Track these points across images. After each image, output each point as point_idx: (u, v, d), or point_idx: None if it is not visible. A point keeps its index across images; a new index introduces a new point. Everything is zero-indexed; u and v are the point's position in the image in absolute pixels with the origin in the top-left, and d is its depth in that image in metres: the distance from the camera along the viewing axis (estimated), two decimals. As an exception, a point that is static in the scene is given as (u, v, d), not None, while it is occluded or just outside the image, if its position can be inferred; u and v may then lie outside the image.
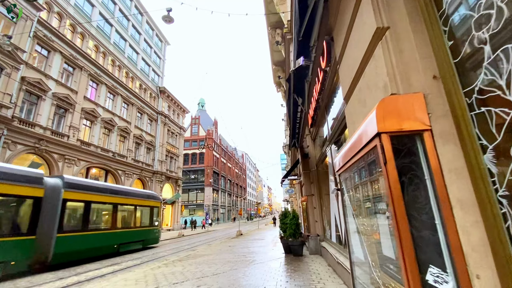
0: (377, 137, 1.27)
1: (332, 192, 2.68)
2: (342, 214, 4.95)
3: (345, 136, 5.04)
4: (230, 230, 29.49)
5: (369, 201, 1.91)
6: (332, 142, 5.64)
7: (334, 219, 6.08)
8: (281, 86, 20.62)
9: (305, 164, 9.20)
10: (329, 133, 5.99)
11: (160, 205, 16.69)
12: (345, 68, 2.54)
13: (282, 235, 9.11)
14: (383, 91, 1.51)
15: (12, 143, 14.46)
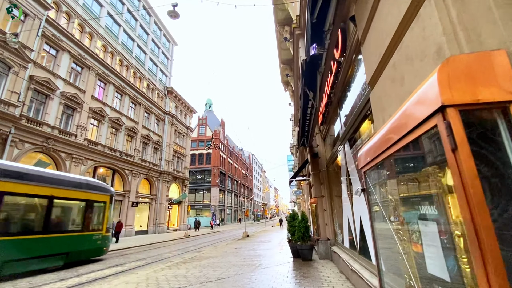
0: (438, 113, 0.90)
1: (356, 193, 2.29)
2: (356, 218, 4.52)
3: (360, 133, 4.63)
4: (237, 231, 29.16)
5: (409, 203, 1.51)
6: (345, 139, 5.22)
7: (347, 222, 5.65)
8: (289, 85, 20.23)
9: (315, 164, 8.77)
10: (341, 131, 5.58)
11: (110, 200, 11.15)
12: (371, 45, 2.16)
13: (290, 238, 8.70)
14: (435, 58, 1.14)
15: (20, 141, 14.50)
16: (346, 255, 5.60)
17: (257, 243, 14.12)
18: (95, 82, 20.86)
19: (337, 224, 7.20)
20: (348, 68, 4.75)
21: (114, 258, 10.94)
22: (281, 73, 18.96)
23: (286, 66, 17.15)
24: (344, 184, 5.78)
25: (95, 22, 21.44)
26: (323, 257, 7.86)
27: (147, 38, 29.87)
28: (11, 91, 13.50)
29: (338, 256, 6.28)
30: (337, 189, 7.59)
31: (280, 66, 17.94)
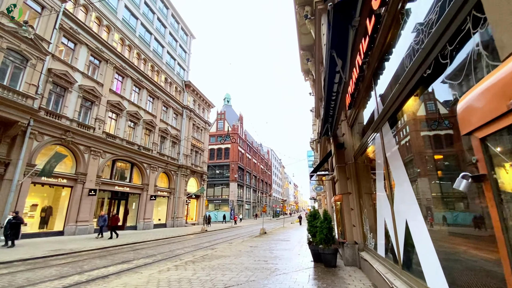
0: None
1: (460, 185, 1.23)
2: (400, 221, 3.37)
3: (402, 112, 3.50)
4: (254, 227, 28.48)
5: None
6: (383, 121, 4.09)
7: (383, 225, 4.53)
8: (309, 74, 18.89)
9: (340, 156, 7.62)
10: (377, 111, 4.44)
11: None
12: None
13: (310, 239, 7.67)
14: None
15: (39, 134, 14.66)
16: (382, 266, 4.50)
17: (274, 242, 13.22)
18: (113, 75, 20.88)
19: (367, 226, 6.06)
20: (391, 24, 3.61)
21: (125, 253, 10.57)
22: (301, 61, 17.68)
23: (307, 52, 15.87)
24: (380, 177, 4.65)
25: (112, 15, 21.39)
26: (350, 264, 6.77)
27: (164, 32, 29.68)
28: (29, 84, 13.56)
29: (370, 265, 5.18)
30: (367, 185, 6.44)
31: (300, 53, 16.66)
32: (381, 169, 4.51)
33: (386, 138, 4.10)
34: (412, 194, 3.17)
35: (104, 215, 15.60)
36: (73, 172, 16.99)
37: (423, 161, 3.08)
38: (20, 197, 13.50)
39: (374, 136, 4.92)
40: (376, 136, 4.66)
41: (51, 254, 9.56)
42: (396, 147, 3.72)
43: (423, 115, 3.01)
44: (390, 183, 4.01)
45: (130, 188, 22.17)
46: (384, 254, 4.63)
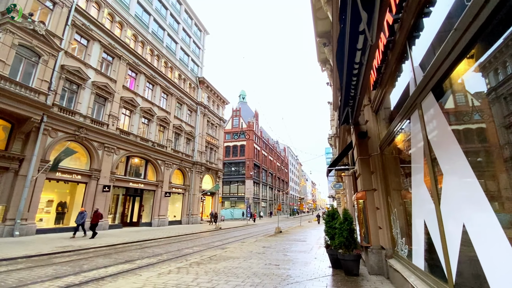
0: None
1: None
2: (454, 227, 2.39)
3: (458, 74, 2.52)
4: (270, 225, 27.68)
5: None
6: (424, 92, 3.10)
7: (422, 230, 3.55)
8: (327, 64, 17.68)
9: (363, 147, 6.59)
10: (414, 83, 3.44)
11: None
12: None
13: (328, 242, 6.73)
14: None
15: (53, 130, 14.72)
16: (422, 282, 3.52)
17: (289, 242, 12.34)
18: (126, 72, 20.82)
19: (397, 229, 5.05)
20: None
21: (133, 251, 10.16)
22: (317, 50, 16.51)
23: (324, 39, 14.72)
24: (418, 169, 3.65)
25: (124, 11, 21.32)
26: (375, 272, 5.77)
27: (177, 27, 29.45)
28: (41, 80, 13.58)
29: (403, 278, 4.20)
30: (396, 180, 5.41)
31: (316, 41, 15.48)
32: (420, 158, 3.51)
33: (429, 115, 3.10)
34: (478, 191, 2.19)
35: (84, 212, 13.66)
36: (87, 169, 17.05)
37: (502, 143, 2.09)
38: (35, 192, 13.60)
39: (409, 117, 3.91)
40: (413, 116, 3.65)
41: (58, 251, 9.33)
42: (447, 126, 2.73)
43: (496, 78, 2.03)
44: (435, 177, 3.03)
45: (145, 185, 22.15)
46: (424, 266, 3.64)
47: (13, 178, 12.80)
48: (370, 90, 6.15)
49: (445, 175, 2.79)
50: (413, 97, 3.47)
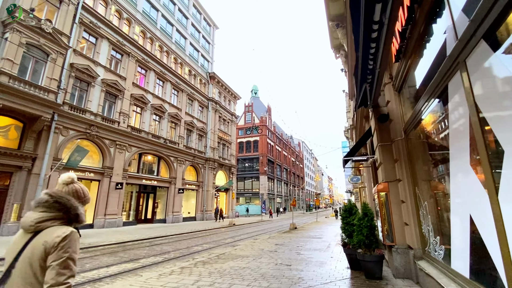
0: None
1: None
2: None
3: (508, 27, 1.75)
4: (285, 221, 27.03)
5: None
6: (473, 41, 2.31)
7: (468, 227, 2.76)
8: (341, 50, 16.60)
9: (384, 132, 5.76)
10: (455, 36, 2.63)
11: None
12: None
13: (345, 241, 5.99)
14: None
15: (64, 128, 14.80)
16: (467, 294, 2.75)
17: (304, 239, 11.65)
18: (136, 69, 20.74)
19: (428, 226, 4.24)
20: None
21: (140, 249, 9.89)
22: (330, 35, 15.41)
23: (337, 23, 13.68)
24: (461, 152, 2.85)
25: (132, 7, 21.18)
26: (401, 275, 4.99)
27: (186, 23, 29.13)
28: (50, 78, 13.60)
29: (438, 285, 3.42)
30: (425, 169, 4.58)
31: (329, 25, 14.44)
32: (464, 137, 2.72)
33: (480, 74, 2.31)
34: None
35: None
36: (100, 166, 17.14)
37: None
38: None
39: (444, 87, 3.09)
40: (453, 83, 2.84)
41: (67, 248, 9.20)
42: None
43: None
44: (488, 160, 2.24)
45: (158, 182, 22.14)
46: (469, 273, 2.86)
47: (26, 176, 12.96)
48: (391, 63, 5.32)
49: (508, 156, 2.01)
50: (452, 55, 2.67)
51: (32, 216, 1.32)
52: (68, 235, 1.28)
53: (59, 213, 1.36)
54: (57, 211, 1.35)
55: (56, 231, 1.28)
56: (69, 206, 1.38)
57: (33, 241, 1.27)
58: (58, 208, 1.36)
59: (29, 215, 1.34)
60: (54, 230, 1.29)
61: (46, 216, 1.32)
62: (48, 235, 1.27)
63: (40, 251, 1.23)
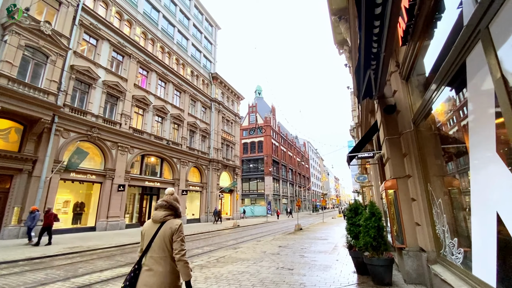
0: None
1: None
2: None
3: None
4: (291, 222, 26.53)
5: None
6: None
7: (495, 229, 2.33)
8: (344, 45, 16.13)
9: (391, 124, 5.33)
10: (474, 4, 2.22)
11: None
12: None
13: (351, 243, 5.56)
14: None
15: (65, 130, 14.69)
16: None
17: (309, 241, 11.21)
18: (137, 70, 20.63)
19: (443, 226, 3.80)
20: None
21: (137, 252, 9.59)
22: (333, 30, 14.96)
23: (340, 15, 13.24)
24: (484, 140, 2.43)
25: (132, 9, 21.11)
26: (413, 281, 4.54)
27: (188, 23, 29.02)
28: (50, 80, 13.50)
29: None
30: (437, 163, 4.15)
31: (331, 20, 14.03)
32: (488, 120, 2.30)
33: (511, 38, 1.89)
34: None
35: (35, 212, 10.71)
36: (102, 168, 17.01)
37: None
38: (50, 193, 13.63)
39: (461, 64, 2.67)
40: (473, 57, 2.42)
41: (64, 252, 8.99)
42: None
43: None
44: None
45: (161, 183, 21.95)
46: (495, 281, 2.43)
47: (27, 179, 12.86)
48: (398, 47, 4.89)
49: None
50: (471, 24, 2.26)
51: (160, 213, 2.32)
52: (180, 224, 2.30)
53: (172, 212, 2.36)
54: (170, 211, 2.36)
55: (174, 221, 2.29)
56: (176, 207, 2.40)
57: (162, 227, 2.25)
58: (171, 209, 2.36)
59: (157, 213, 2.33)
60: (172, 221, 2.29)
61: (167, 213, 2.32)
62: (170, 224, 2.26)
63: (168, 233, 2.21)
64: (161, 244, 2.18)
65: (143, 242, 2.28)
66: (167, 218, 2.29)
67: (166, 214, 2.31)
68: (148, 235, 2.26)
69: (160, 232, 2.22)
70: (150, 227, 2.29)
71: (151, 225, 2.30)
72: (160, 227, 2.24)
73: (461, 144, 3.14)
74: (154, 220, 2.31)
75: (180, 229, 2.25)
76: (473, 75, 2.51)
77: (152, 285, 2.06)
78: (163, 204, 2.36)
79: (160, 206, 2.36)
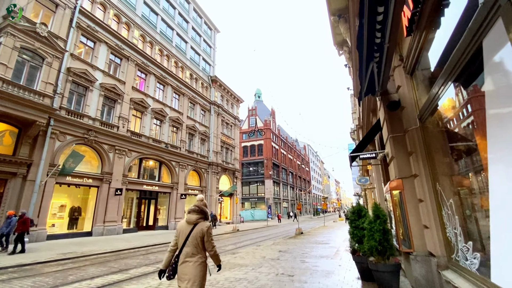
0: None
1: None
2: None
3: None
4: (291, 226, 26.13)
5: None
6: None
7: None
8: (344, 46, 15.94)
9: (395, 121, 5.07)
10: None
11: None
12: None
13: (355, 247, 5.26)
14: None
15: (61, 133, 14.45)
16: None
17: (310, 245, 10.88)
18: (135, 73, 20.47)
19: (455, 229, 3.51)
20: None
21: (133, 258, 9.27)
22: (332, 31, 14.77)
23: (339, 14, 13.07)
24: (506, 128, 2.17)
25: (131, 11, 21.04)
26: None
27: (187, 27, 28.97)
28: (45, 82, 13.30)
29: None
30: (446, 161, 3.88)
31: (331, 21, 13.87)
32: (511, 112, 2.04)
33: None
34: None
35: (11, 217, 9.88)
36: (99, 172, 16.73)
37: None
38: (45, 197, 13.34)
39: (478, 45, 2.42)
40: (493, 35, 2.17)
41: (57, 258, 8.67)
42: None
43: None
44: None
45: (159, 187, 21.64)
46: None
47: (21, 183, 12.58)
48: (402, 39, 4.66)
49: None
50: (489, 0, 2.01)
51: (193, 217, 2.81)
52: (209, 226, 2.82)
53: (202, 215, 2.85)
54: (201, 214, 2.84)
55: (204, 224, 2.80)
56: (206, 212, 2.90)
57: (195, 228, 2.75)
58: (202, 213, 2.85)
59: (190, 216, 2.83)
60: (203, 224, 2.79)
61: (198, 217, 2.82)
62: (201, 226, 2.77)
63: (200, 233, 2.74)
64: (194, 242, 2.73)
65: (179, 239, 2.81)
66: (199, 221, 2.82)
67: (198, 218, 2.83)
68: (183, 234, 2.78)
69: (193, 233, 2.75)
70: (185, 228, 2.82)
71: (186, 225, 2.83)
72: (193, 228, 2.77)
73: (475, 139, 2.87)
74: (188, 222, 2.83)
75: (209, 231, 2.81)
76: (491, 58, 2.25)
77: (187, 273, 2.66)
78: (195, 209, 2.88)
79: (192, 211, 2.88)
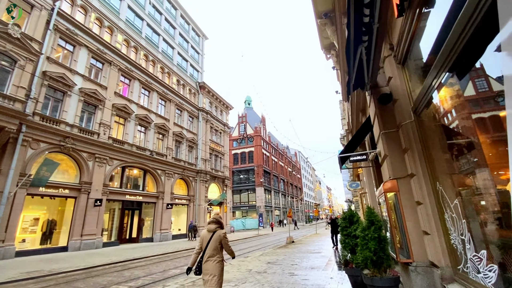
0: None
1: None
2: None
3: None
4: (283, 235, 25.36)
5: None
6: None
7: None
8: (331, 49, 15.77)
9: (387, 117, 4.63)
10: None
11: None
12: None
13: (347, 258, 4.69)
14: None
15: (34, 141, 13.48)
16: None
17: (300, 255, 10.24)
18: (118, 78, 19.72)
19: (462, 235, 3.01)
20: None
21: (106, 275, 8.37)
22: (319, 34, 14.56)
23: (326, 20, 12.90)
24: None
25: (114, 16, 20.45)
26: (425, 304, 3.68)
27: (174, 32, 28.54)
28: (17, 86, 12.44)
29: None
30: (446, 157, 3.42)
31: (317, 23, 13.65)
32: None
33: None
34: None
35: None
36: (77, 182, 15.69)
37: None
38: (14, 210, 12.23)
39: (484, 13, 1.97)
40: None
41: (18, 278, 7.70)
42: None
43: None
44: None
45: (144, 197, 20.62)
46: None
47: (-14, 195, 11.50)
48: (392, 24, 4.26)
49: None
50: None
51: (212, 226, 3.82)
52: (225, 232, 3.87)
53: (219, 225, 3.87)
54: (219, 224, 3.88)
55: (221, 231, 3.81)
56: (221, 222, 3.96)
57: (214, 235, 3.74)
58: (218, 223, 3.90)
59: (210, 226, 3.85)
60: (219, 231, 3.80)
61: (216, 226, 3.84)
62: (219, 233, 3.77)
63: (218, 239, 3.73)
64: (213, 245, 3.66)
65: (202, 244, 3.70)
66: (217, 229, 3.79)
67: (216, 227, 3.81)
68: (205, 239, 3.70)
69: (212, 239, 3.69)
70: (206, 235, 3.76)
71: (207, 233, 3.78)
72: (213, 235, 3.72)
73: (488, 128, 2.41)
74: (209, 230, 3.79)
75: (225, 236, 3.79)
76: (505, 22, 1.79)
77: (209, 269, 3.54)
78: (214, 220, 3.89)
79: (211, 222, 3.88)
